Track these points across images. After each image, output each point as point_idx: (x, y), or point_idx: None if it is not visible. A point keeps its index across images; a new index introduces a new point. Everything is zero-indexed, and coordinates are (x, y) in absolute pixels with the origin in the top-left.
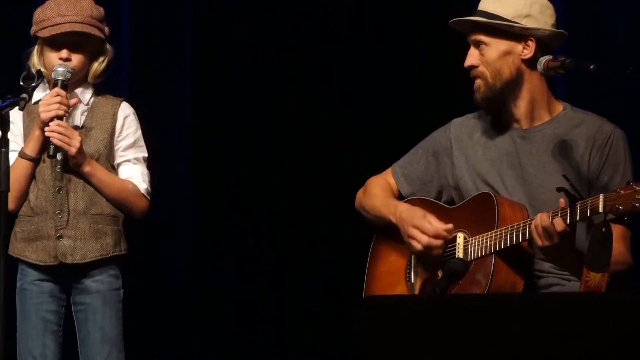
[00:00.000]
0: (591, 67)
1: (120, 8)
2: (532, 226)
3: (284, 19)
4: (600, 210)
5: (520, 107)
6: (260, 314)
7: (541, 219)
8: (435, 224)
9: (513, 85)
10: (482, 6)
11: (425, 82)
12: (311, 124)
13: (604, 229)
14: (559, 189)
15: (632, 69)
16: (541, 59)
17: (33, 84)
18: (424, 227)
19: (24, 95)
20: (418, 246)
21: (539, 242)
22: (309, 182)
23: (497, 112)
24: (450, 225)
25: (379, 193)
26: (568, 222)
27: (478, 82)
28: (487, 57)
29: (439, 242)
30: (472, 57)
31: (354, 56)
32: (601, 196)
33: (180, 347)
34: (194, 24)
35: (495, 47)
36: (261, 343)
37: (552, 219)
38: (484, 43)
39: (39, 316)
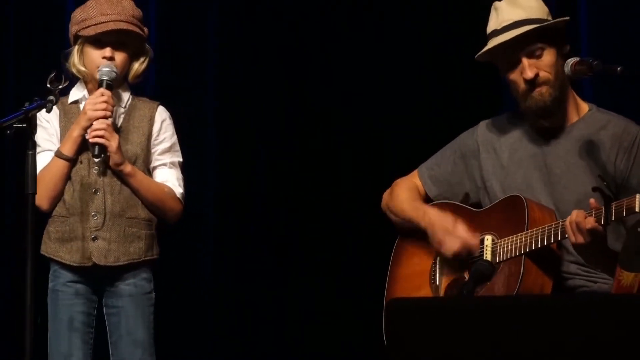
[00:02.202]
0: (618, 69)
1: (146, 13)
2: (567, 222)
3: (309, 22)
4: (637, 210)
5: (560, 107)
6: (284, 315)
7: (577, 215)
8: (464, 233)
9: (567, 83)
10: (509, 17)
11: (446, 81)
12: (332, 126)
13: (639, 229)
14: (595, 189)
15: None
16: (568, 60)
17: (60, 86)
18: (455, 233)
19: (51, 97)
20: (448, 253)
21: (573, 239)
22: (332, 184)
23: (555, 115)
24: (477, 235)
25: (406, 196)
26: (603, 222)
27: (542, 89)
28: (548, 60)
29: (467, 250)
30: (533, 67)
31: (379, 55)
32: (637, 196)
33: (205, 350)
34: (219, 28)
35: (551, 49)
36: (284, 344)
37: (586, 218)
38: (542, 48)
39: (70, 318)
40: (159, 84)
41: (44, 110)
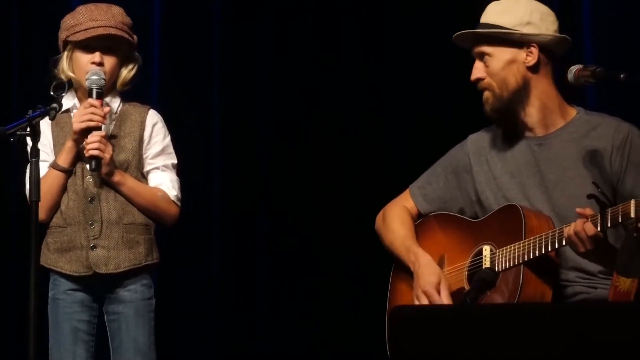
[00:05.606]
0: (621, 75)
1: (150, 17)
2: (571, 233)
3: (314, 22)
4: (632, 215)
5: (532, 115)
6: (290, 321)
7: (576, 225)
8: (443, 299)
9: (521, 93)
10: (484, 19)
11: (444, 93)
12: (342, 131)
13: (635, 234)
14: (590, 196)
15: None
16: (572, 68)
17: (63, 94)
18: (432, 298)
19: (54, 105)
20: None
21: (581, 249)
22: (339, 190)
23: (508, 123)
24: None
25: (398, 230)
26: (599, 229)
27: (486, 94)
28: (492, 67)
29: None
30: (478, 70)
31: (384, 55)
32: (632, 202)
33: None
34: (223, 30)
35: (498, 57)
36: (288, 351)
37: (585, 225)
38: (487, 54)
39: (72, 326)
40: (163, 84)
41: (47, 117)
